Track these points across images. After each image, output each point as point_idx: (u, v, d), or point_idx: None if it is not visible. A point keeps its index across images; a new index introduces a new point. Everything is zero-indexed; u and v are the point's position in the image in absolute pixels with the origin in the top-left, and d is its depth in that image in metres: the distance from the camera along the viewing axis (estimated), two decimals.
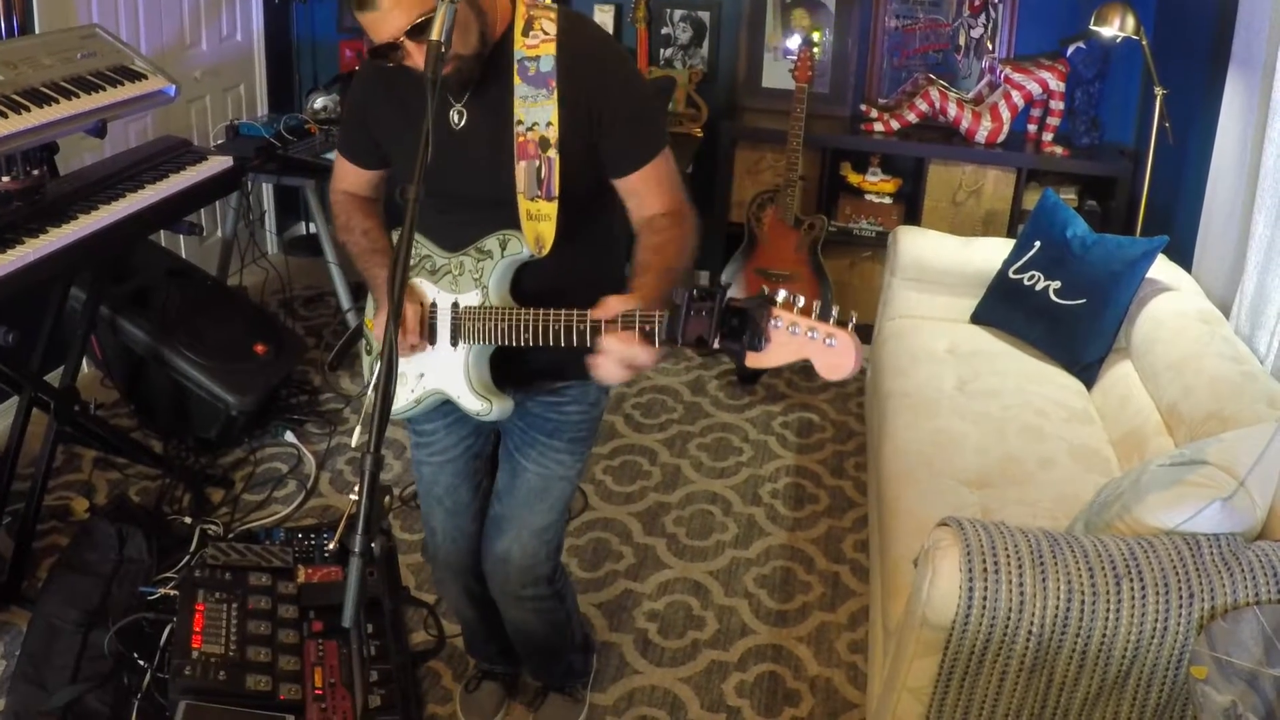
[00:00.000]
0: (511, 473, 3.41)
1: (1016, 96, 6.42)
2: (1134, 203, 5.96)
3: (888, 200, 6.84)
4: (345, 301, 6.09)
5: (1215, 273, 4.97)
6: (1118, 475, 3.89)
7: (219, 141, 6.51)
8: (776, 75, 7.08)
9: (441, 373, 3.13)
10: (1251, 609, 2.87)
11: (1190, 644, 2.91)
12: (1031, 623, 2.95)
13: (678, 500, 5.30)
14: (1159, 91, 5.47)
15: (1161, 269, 4.95)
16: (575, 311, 2.77)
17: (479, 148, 2.98)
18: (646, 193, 3.04)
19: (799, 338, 2.40)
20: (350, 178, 3.34)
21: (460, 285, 3.06)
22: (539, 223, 2.96)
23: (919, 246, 5.70)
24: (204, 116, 6.84)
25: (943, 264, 5.64)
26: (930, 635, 3.08)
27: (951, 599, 3.00)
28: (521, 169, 2.93)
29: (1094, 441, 4.45)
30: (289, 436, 5.56)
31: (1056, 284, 5.01)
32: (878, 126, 6.72)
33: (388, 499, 2.22)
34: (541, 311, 2.85)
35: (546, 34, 2.92)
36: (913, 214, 6.77)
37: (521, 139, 2.92)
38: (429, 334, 3.12)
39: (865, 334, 5.90)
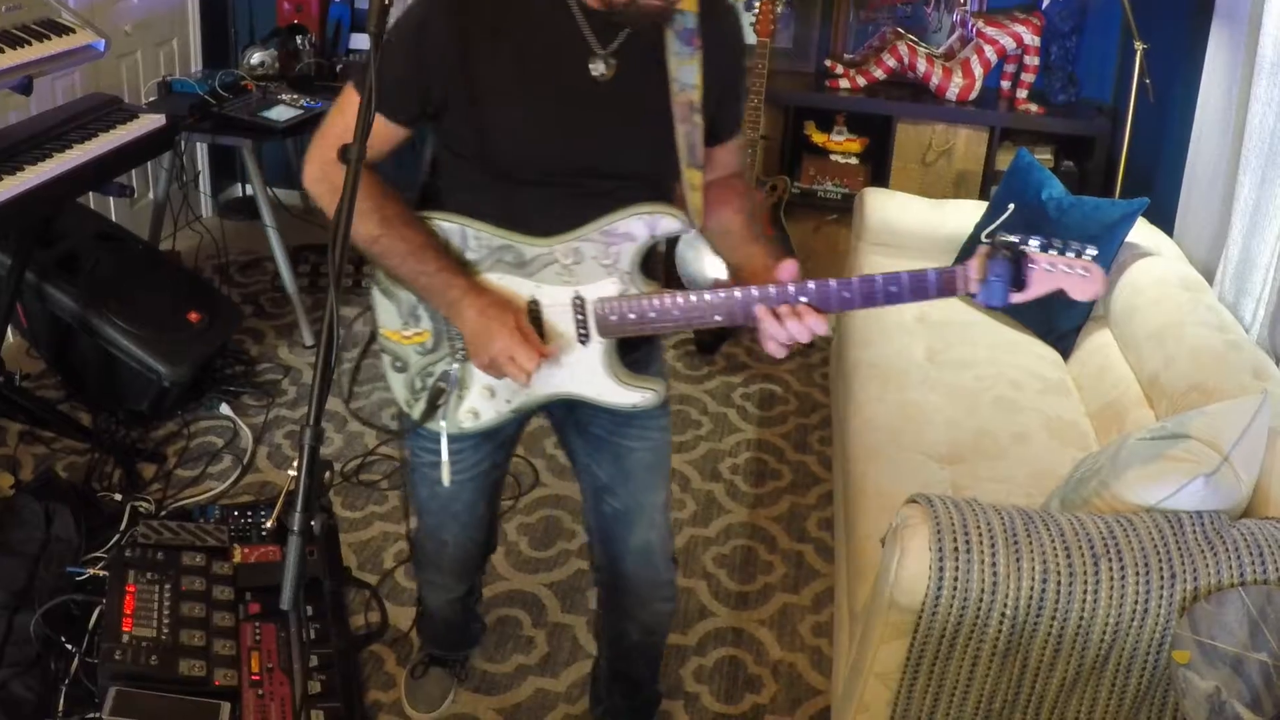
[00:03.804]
0: (616, 458, 3.22)
1: (989, 51, 6.42)
2: (1112, 163, 5.97)
3: (854, 160, 6.84)
4: (283, 267, 6.04)
5: (1198, 237, 4.97)
6: (1095, 450, 3.89)
7: (151, 99, 6.45)
8: None
9: (566, 375, 2.89)
10: (1236, 590, 2.87)
11: (1172, 627, 2.91)
12: (1005, 605, 2.94)
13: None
14: (1139, 46, 5.46)
15: (1141, 233, 4.94)
16: (789, 282, 2.64)
17: (629, 108, 2.72)
18: (734, 153, 3.01)
19: (1054, 272, 2.68)
20: (376, 140, 2.62)
21: (579, 275, 2.78)
22: (695, 193, 2.79)
23: (887, 209, 5.69)
24: (135, 72, 6.77)
25: (911, 227, 5.63)
26: (898, 618, 3.06)
27: (921, 580, 2.98)
28: (681, 134, 2.74)
29: (1071, 414, 4.45)
30: (224, 409, 5.51)
31: None
32: (843, 83, 6.72)
33: (328, 475, 2.19)
34: (739, 289, 2.67)
35: None
36: (880, 175, 6.77)
37: (678, 100, 2.72)
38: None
39: None
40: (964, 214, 5.49)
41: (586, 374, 2.88)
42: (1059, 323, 4.89)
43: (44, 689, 3.68)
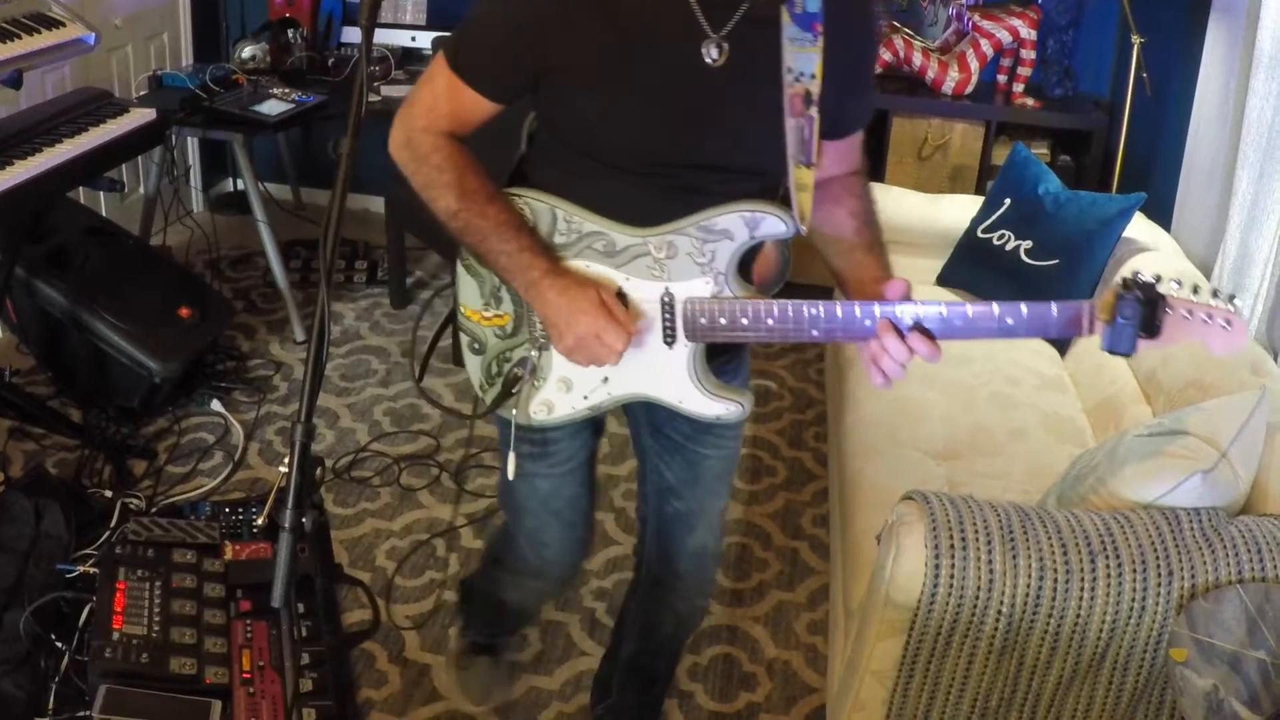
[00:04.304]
0: (689, 464, 3.12)
1: (985, 45, 6.42)
2: (1110, 157, 5.97)
3: None
4: (275, 262, 6.06)
5: (1196, 231, 4.97)
6: (1093, 446, 3.88)
7: (141, 93, 6.42)
8: None
9: (647, 377, 2.74)
10: (1234, 588, 2.87)
11: (1169, 625, 2.91)
12: (1001, 602, 2.94)
13: (626, 473, 5.25)
14: (1136, 40, 5.46)
15: (1139, 227, 4.95)
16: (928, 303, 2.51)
17: (741, 97, 2.54)
18: (853, 150, 2.87)
19: (1193, 321, 2.40)
20: (462, 112, 2.64)
21: (671, 271, 2.62)
22: (802, 193, 2.56)
23: (882, 204, 5.54)
24: (125, 66, 6.75)
25: (907, 222, 5.62)
26: (894, 615, 3.07)
27: (917, 577, 2.99)
28: (791, 128, 2.52)
29: (1067, 410, 4.45)
30: (215, 405, 5.51)
31: (1028, 244, 4.99)
32: None
33: (320, 471, 2.18)
34: (844, 303, 2.56)
35: None
36: (875, 169, 6.73)
37: (791, 91, 2.50)
38: None
39: (825, 296, 5.89)
40: (960, 209, 5.48)
41: (670, 378, 2.73)
42: None
43: (34, 687, 3.67)
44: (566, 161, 2.65)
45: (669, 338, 2.67)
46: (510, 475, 2.92)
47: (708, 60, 2.46)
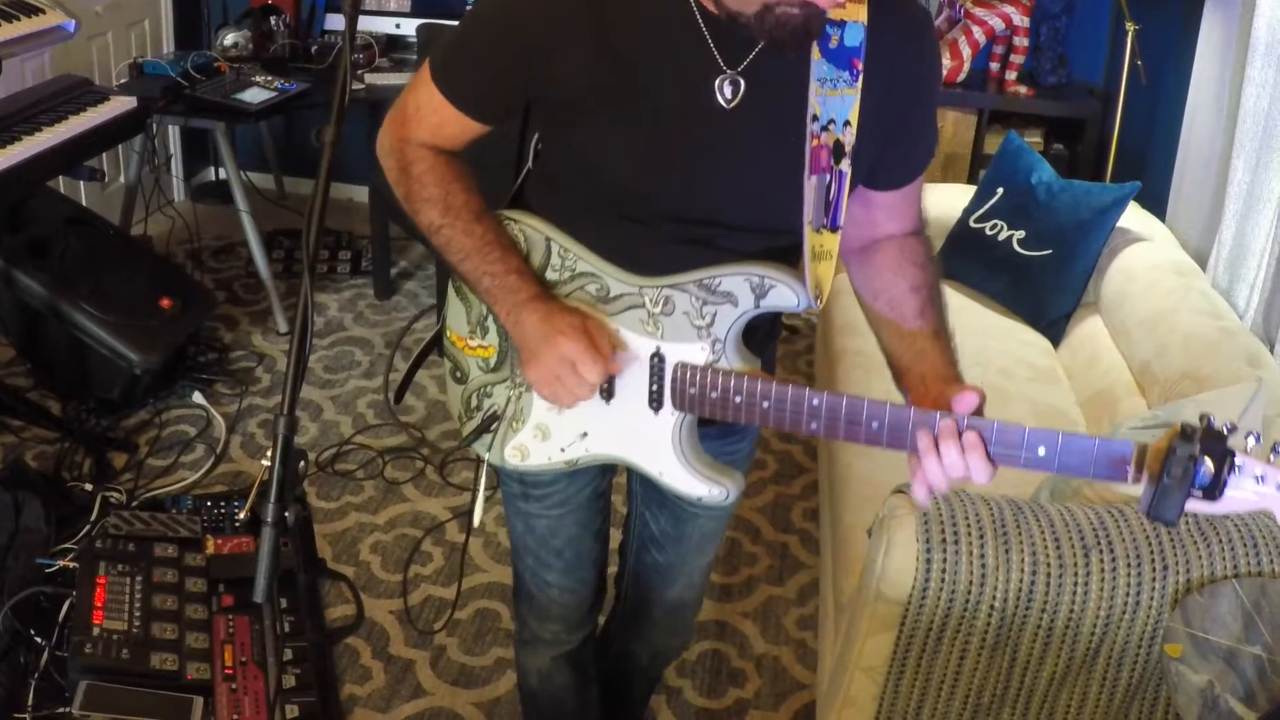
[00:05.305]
0: (676, 520, 2.95)
1: (978, 32, 6.41)
2: (1104, 146, 5.96)
3: None
4: (257, 252, 6.04)
5: (1191, 221, 4.96)
6: None
7: (122, 81, 6.40)
8: None
9: (628, 440, 2.48)
10: (1230, 582, 2.87)
11: (1164, 620, 2.90)
12: (994, 597, 2.93)
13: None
14: (1130, 27, 5.46)
15: (1133, 217, 4.93)
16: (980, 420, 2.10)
17: (758, 145, 2.24)
18: (907, 205, 2.56)
19: (1264, 488, 1.92)
20: (444, 127, 2.41)
21: (665, 329, 2.33)
22: (820, 262, 2.26)
23: None
24: (106, 54, 6.73)
25: None
26: (885, 610, 3.06)
27: (908, 571, 2.98)
28: (811, 186, 2.20)
29: (1061, 402, 4.44)
30: (197, 397, 5.49)
31: (1020, 234, 4.98)
32: None
33: (303, 464, 2.16)
34: (867, 403, 2.22)
35: None
36: None
37: (815, 142, 2.18)
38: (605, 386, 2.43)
39: None
40: (951, 198, 5.46)
41: (652, 446, 2.45)
42: (1049, 309, 4.87)
43: (13, 684, 3.66)
44: (566, 189, 2.42)
45: (655, 403, 2.40)
46: (475, 522, 2.78)
47: (720, 100, 2.19)
